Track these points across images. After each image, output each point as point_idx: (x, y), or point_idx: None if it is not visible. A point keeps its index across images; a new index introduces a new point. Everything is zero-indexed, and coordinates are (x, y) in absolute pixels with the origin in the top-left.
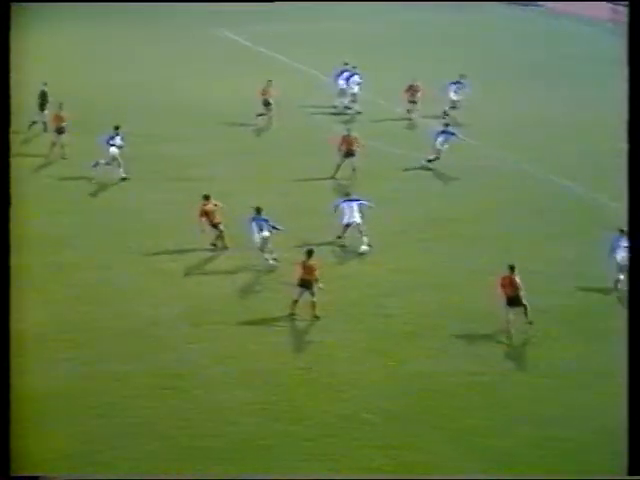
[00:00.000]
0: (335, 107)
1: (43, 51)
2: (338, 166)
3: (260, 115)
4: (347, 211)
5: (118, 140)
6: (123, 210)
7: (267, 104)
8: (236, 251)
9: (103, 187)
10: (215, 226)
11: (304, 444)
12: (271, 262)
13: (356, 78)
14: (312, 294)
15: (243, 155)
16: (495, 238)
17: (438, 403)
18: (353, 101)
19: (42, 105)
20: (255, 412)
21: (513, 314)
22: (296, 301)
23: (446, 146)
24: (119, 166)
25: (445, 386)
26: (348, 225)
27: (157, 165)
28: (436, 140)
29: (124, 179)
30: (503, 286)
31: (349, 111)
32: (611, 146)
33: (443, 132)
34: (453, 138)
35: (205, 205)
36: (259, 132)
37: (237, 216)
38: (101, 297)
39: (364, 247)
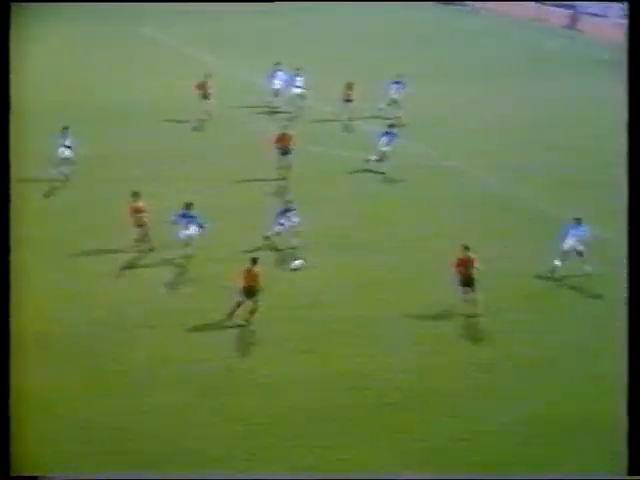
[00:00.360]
0: (270, 107)
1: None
2: (279, 167)
3: (201, 119)
4: (282, 219)
5: (67, 141)
6: (51, 211)
7: (205, 98)
8: (164, 251)
9: (34, 189)
10: (141, 225)
11: (236, 444)
12: (189, 252)
13: (298, 80)
14: (254, 302)
15: (177, 155)
16: (433, 238)
17: (378, 401)
18: (299, 103)
19: None
20: (186, 413)
21: (468, 296)
22: (238, 305)
23: (389, 147)
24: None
25: (386, 385)
26: (279, 233)
27: (88, 166)
28: (380, 141)
29: (55, 180)
30: (459, 265)
31: (284, 110)
32: (537, 142)
33: (387, 133)
34: (396, 139)
35: (134, 203)
36: (194, 132)
37: (167, 216)
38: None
39: (297, 262)
